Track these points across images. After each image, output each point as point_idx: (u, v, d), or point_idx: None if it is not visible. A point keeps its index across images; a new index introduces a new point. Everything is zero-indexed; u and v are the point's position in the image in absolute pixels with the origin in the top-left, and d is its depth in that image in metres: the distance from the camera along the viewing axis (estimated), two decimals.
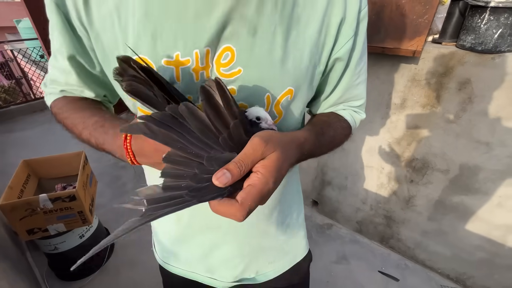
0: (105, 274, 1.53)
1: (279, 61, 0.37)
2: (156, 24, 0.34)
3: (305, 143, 0.37)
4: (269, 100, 0.39)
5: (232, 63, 0.36)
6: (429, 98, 1.17)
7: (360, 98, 0.51)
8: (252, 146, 0.29)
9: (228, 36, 0.35)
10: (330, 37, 0.39)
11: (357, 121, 0.53)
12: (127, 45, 0.35)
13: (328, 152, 0.46)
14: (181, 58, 0.35)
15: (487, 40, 0.95)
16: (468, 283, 1.41)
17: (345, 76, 0.45)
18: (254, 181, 0.28)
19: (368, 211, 1.64)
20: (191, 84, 0.37)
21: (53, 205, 1.18)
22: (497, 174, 1.12)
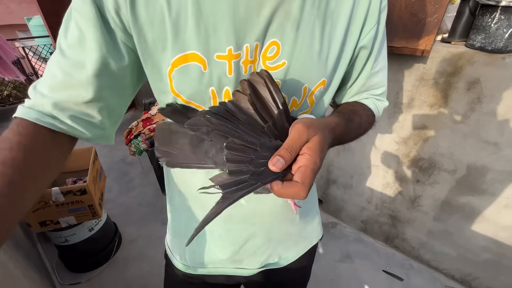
0: (113, 267, 1.56)
1: (317, 53, 0.40)
2: (210, 20, 0.35)
3: (337, 128, 0.40)
4: (306, 91, 0.42)
5: (277, 56, 0.38)
6: (437, 97, 1.17)
7: (381, 85, 0.53)
8: (298, 132, 0.32)
9: (274, 31, 0.37)
10: (357, 28, 0.42)
11: (380, 109, 0.55)
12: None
13: (354, 139, 0.48)
14: (233, 52, 0.36)
15: (497, 39, 0.94)
16: (473, 284, 1.41)
17: (368, 64, 0.48)
18: (304, 162, 0.31)
19: (373, 210, 1.64)
20: (241, 77, 0.39)
21: (64, 198, 1.22)
22: (504, 175, 1.11)
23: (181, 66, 0.37)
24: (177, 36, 0.35)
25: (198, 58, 0.36)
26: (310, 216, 0.65)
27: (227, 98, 0.40)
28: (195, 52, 0.36)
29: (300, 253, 0.66)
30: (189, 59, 0.36)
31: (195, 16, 0.34)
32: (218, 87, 0.38)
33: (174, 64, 0.37)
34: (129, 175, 2.39)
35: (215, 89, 0.39)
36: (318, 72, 0.41)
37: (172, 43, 0.35)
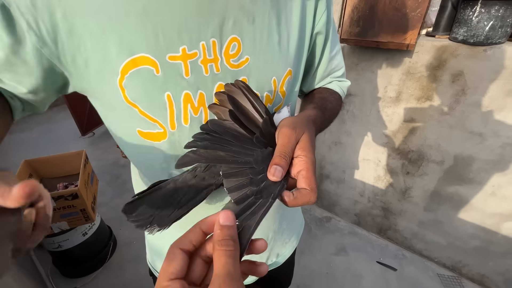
0: (109, 270, 1.55)
1: (277, 44, 0.40)
2: (157, 18, 0.32)
3: (316, 119, 0.41)
4: (275, 84, 0.42)
5: (240, 52, 0.38)
6: (423, 90, 1.19)
7: (340, 67, 0.56)
8: (286, 136, 0.32)
9: (231, 27, 0.36)
10: (310, 14, 0.44)
11: (345, 89, 0.59)
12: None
13: (329, 125, 0.51)
14: (188, 51, 0.35)
15: (478, 32, 0.97)
16: (463, 271, 1.45)
17: (326, 49, 0.50)
18: (303, 165, 0.31)
19: (365, 203, 1.67)
20: (201, 78, 0.37)
21: (56, 203, 1.20)
22: (490, 164, 1.15)
23: (131, 72, 0.34)
24: (122, 40, 0.32)
25: (149, 61, 0.33)
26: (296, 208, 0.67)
27: (189, 103, 0.37)
28: (144, 54, 0.33)
29: (295, 246, 0.68)
30: (139, 63, 0.33)
31: (140, 17, 0.32)
32: (175, 91, 0.36)
33: (124, 71, 0.34)
34: (122, 178, 2.37)
35: (171, 94, 0.36)
36: (282, 63, 0.42)
37: (117, 48, 0.32)
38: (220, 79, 0.38)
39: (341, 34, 1.20)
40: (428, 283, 1.45)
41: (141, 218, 0.34)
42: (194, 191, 0.33)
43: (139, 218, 0.34)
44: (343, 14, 1.17)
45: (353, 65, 1.32)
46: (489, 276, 1.36)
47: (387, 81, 1.27)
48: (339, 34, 1.22)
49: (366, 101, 1.38)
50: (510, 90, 1.00)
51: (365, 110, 1.40)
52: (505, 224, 1.22)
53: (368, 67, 1.29)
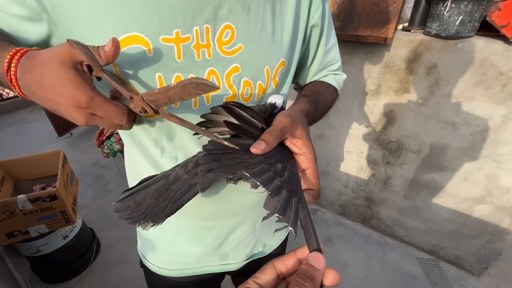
0: (93, 274, 1.50)
1: (271, 34, 0.41)
2: (153, 0, 0.33)
3: (308, 113, 0.43)
4: (269, 73, 0.43)
5: (233, 40, 0.38)
6: (401, 83, 1.25)
7: (336, 60, 0.57)
8: (278, 120, 0.35)
9: (225, 14, 0.37)
10: (305, 7, 0.44)
11: (341, 82, 0.60)
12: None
13: (321, 118, 0.53)
14: (181, 35, 0.35)
15: (450, 26, 1.02)
16: (440, 253, 1.54)
17: (321, 42, 0.51)
18: (308, 164, 0.35)
19: (350, 194, 1.73)
20: (193, 62, 0.37)
21: (33, 205, 1.14)
22: (462, 152, 1.22)
23: (124, 50, 0.34)
24: (116, 17, 0.33)
25: (142, 41, 0.34)
26: None
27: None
28: (137, 34, 0.34)
29: (283, 238, 0.68)
30: (131, 42, 0.34)
31: None
32: (166, 72, 0.37)
33: None
34: (104, 179, 2.29)
35: (162, 75, 0.37)
36: (275, 53, 0.42)
37: (112, 25, 0.33)
38: (211, 65, 0.39)
39: None
40: (409, 267, 1.53)
41: (135, 214, 0.34)
42: (188, 186, 0.33)
43: (133, 215, 0.34)
44: None
45: None
46: (463, 256, 1.46)
47: (367, 75, 1.32)
48: None
49: (348, 94, 1.42)
50: (479, 81, 1.07)
51: (347, 103, 1.45)
52: (477, 208, 1.30)
53: (349, 61, 1.33)
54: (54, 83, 0.28)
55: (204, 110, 0.38)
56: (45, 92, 0.29)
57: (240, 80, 0.41)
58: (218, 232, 0.54)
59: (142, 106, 0.32)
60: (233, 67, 0.40)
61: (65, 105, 0.29)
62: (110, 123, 0.32)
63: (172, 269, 0.58)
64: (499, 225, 1.28)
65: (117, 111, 0.31)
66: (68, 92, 0.28)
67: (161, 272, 0.59)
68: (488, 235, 1.32)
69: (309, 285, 0.23)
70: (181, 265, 0.58)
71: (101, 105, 0.30)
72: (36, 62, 0.29)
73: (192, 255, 0.56)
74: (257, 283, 0.25)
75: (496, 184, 1.21)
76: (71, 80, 0.28)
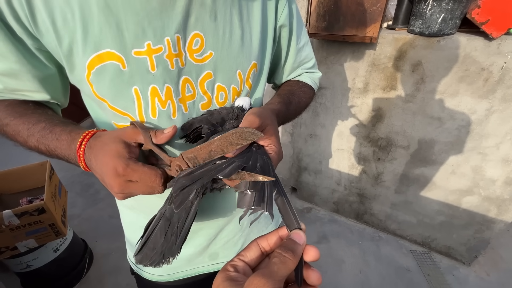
0: (87, 286, 1.47)
1: (240, 38, 0.42)
2: (120, 14, 0.33)
3: (279, 113, 0.45)
4: (241, 77, 0.44)
5: (203, 48, 0.39)
6: (387, 80, 1.27)
7: (310, 58, 0.59)
8: (248, 120, 0.36)
9: (193, 23, 0.37)
10: (271, 9, 0.45)
11: (316, 80, 0.61)
12: None
13: (296, 117, 0.54)
14: (153, 46, 0.36)
15: (432, 24, 1.05)
16: (432, 245, 1.58)
17: (292, 41, 0.52)
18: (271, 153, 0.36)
19: (342, 191, 1.75)
20: (167, 72, 0.38)
21: (20, 220, 1.10)
22: (449, 146, 1.26)
23: (97, 68, 0.35)
24: (86, 36, 0.33)
25: (115, 56, 0.34)
26: None
27: (156, 96, 0.39)
28: (110, 50, 0.34)
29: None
30: (104, 59, 0.34)
31: (103, 12, 0.32)
32: (141, 85, 0.37)
33: (90, 67, 0.35)
34: (94, 187, 2.23)
35: (138, 88, 0.37)
36: (246, 56, 0.43)
37: (82, 44, 0.33)
38: (185, 73, 0.40)
39: (309, 29, 1.23)
40: (403, 260, 1.56)
41: (155, 258, 0.38)
42: (184, 213, 0.36)
43: (154, 259, 0.38)
44: (309, 10, 1.20)
45: (323, 58, 1.36)
46: (454, 247, 1.50)
47: (355, 73, 1.33)
48: (307, 29, 1.25)
49: (337, 93, 1.43)
50: (462, 77, 1.10)
51: (337, 102, 1.46)
52: (465, 199, 1.34)
53: (336, 60, 1.34)
54: (104, 155, 0.33)
55: (183, 119, 0.41)
56: (98, 164, 0.34)
57: (214, 86, 0.43)
58: (206, 233, 0.55)
59: (179, 164, 0.34)
60: (206, 73, 0.41)
61: (106, 173, 0.33)
62: (144, 187, 0.34)
63: (163, 274, 0.58)
64: (486, 215, 1.32)
65: (151, 173, 0.33)
66: (110, 161, 0.32)
67: (153, 278, 0.59)
68: (476, 225, 1.37)
69: (289, 255, 0.24)
70: (172, 269, 0.58)
71: (136, 169, 0.33)
72: (99, 140, 0.34)
73: (182, 258, 0.57)
74: (242, 260, 0.26)
75: (482, 175, 1.24)
76: (118, 152, 0.33)
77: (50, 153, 0.39)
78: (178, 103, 0.41)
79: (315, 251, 0.26)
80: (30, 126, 0.38)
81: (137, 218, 0.55)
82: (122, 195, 0.35)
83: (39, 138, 0.38)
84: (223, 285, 0.23)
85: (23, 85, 0.38)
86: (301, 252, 0.25)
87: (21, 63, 0.35)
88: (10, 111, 0.39)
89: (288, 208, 0.29)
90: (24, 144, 0.40)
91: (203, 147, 0.33)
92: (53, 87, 0.41)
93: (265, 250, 0.28)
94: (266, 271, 0.23)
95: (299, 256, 0.25)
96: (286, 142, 1.80)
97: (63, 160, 0.38)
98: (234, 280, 0.24)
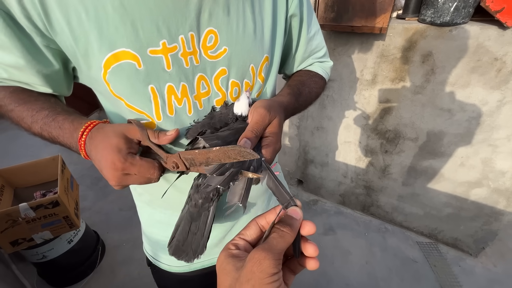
0: (100, 275, 1.52)
1: (253, 32, 0.41)
2: (135, 13, 0.33)
3: (288, 106, 0.45)
4: (254, 71, 0.44)
5: (217, 44, 0.39)
6: (397, 72, 1.25)
7: (321, 47, 0.58)
8: (261, 116, 0.36)
9: (207, 19, 0.37)
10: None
11: (327, 70, 0.61)
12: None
13: (307, 107, 0.54)
14: (168, 45, 0.36)
15: (444, 13, 1.02)
16: (439, 236, 1.59)
17: (303, 30, 0.51)
18: (268, 143, 0.36)
19: (349, 183, 1.75)
20: (182, 70, 0.38)
21: (35, 213, 1.14)
22: (458, 137, 1.24)
23: (114, 67, 0.35)
24: (101, 35, 0.33)
25: (130, 55, 0.34)
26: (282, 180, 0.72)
27: (172, 95, 0.39)
28: (125, 49, 0.34)
29: None
30: (120, 58, 0.34)
31: (118, 12, 0.32)
32: (158, 83, 0.38)
33: (106, 66, 0.35)
34: (104, 180, 2.27)
35: (155, 86, 0.38)
36: (259, 51, 0.43)
37: (98, 44, 0.33)
38: (200, 71, 0.40)
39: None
40: (409, 251, 1.58)
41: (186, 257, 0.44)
42: (204, 215, 0.41)
43: (188, 255, 0.44)
44: (317, 0, 1.17)
45: (330, 50, 1.34)
46: (461, 238, 1.50)
47: (363, 65, 1.31)
48: None
49: (344, 85, 1.41)
50: (474, 67, 1.08)
51: (344, 94, 1.45)
52: (473, 191, 1.34)
53: (344, 52, 1.32)
54: (104, 148, 0.34)
55: (198, 115, 0.42)
56: (97, 155, 0.35)
57: (228, 82, 0.43)
58: (222, 225, 0.56)
59: (176, 162, 0.36)
60: (220, 70, 0.41)
61: (104, 166, 0.34)
62: (141, 179, 0.36)
63: (182, 265, 0.60)
64: (495, 207, 1.31)
65: (149, 166, 0.35)
66: (109, 155, 0.34)
67: (171, 269, 0.61)
68: (484, 217, 1.36)
69: (287, 229, 0.25)
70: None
71: (134, 163, 0.34)
72: (101, 132, 0.35)
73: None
74: (243, 239, 0.28)
75: (492, 167, 1.23)
76: (118, 146, 0.34)
77: (53, 140, 0.40)
78: (194, 100, 0.41)
79: (311, 225, 0.27)
80: (34, 113, 0.39)
81: (154, 213, 0.57)
82: (119, 187, 0.36)
83: (42, 125, 0.39)
84: (226, 261, 0.25)
85: (27, 79, 0.38)
86: (298, 226, 0.27)
87: (26, 59, 0.35)
88: (15, 97, 0.40)
89: (281, 189, 0.31)
90: (28, 129, 0.41)
91: (201, 153, 0.34)
92: (57, 82, 0.41)
93: (264, 228, 0.29)
94: (266, 245, 0.24)
95: (296, 229, 0.26)
96: (293, 135, 1.80)
97: (66, 147, 0.40)
98: (236, 256, 0.25)
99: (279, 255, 0.23)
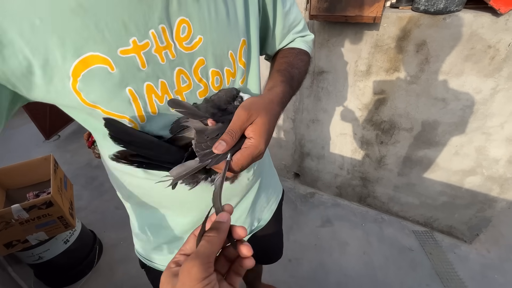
0: (98, 274, 1.51)
1: (226, 17, 0.40)
2: (97, 13, 0.30)
3: (284, 97, 0.43)
4: (233, 57, 0.43)
5: (191, 34, 0.37)
6: (391, 62, 1.24)
7: (299, 20, 0.56)
8: (237, 115, 0.35)
9: (176, 8, 0.35)
10: None
11: (310, 43, 0.60)
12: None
13: (298, 89, 0.53)
14: (139, 42, 0.33)
15: (438, 1, 1.01)
16: (434, 225, 1.61)
17: (278, 6, 0.50)
18: (248, 144, 0.36)
19: (345, 175, 1.76)
20: (158, 66, 0.36)
21: (28, 214, 1.12)
22: (452, 127, 1.25)
23: (84, 74, 0.31)
24: (63, 41, 0.29)
25: (100, 59, 0.31)
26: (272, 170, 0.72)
27: (152, 93, 0.37)
28: (93, 53, 0.31)
29: (274, 210, 0.73)
30: (90, 63, 0.31)
31: (77, 14, 0.29)
32: (135, 84, 0.35)
33: (75, 74, 0.31)
34: (99, 179, 2.25)
35: (132, 88, 0.35)
36: (235, 35, 0.42)
37: (61, 51, 0.30)
38: (177, 65, 0.38)
39: (310, 10, 1.19)
40: (405, 240, 1.60)
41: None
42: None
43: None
44: None
45: (324, 41, 1.33)
46: (456, 226, 1.53)
47: (357, 56, 1.30)
48: (308, 11, 1.21)
49: (339, 77, 1.41)
50: (467, 56, 1.08)
51: (339, 86, 1.44)
52: (467, 179, 1.35)
53: (338, 43, 1.31)
54: None
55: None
56: None
57: (208, 72, 0.41)
58: None
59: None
60: (198, 60, 0.39)
61: None
62: None
63: None
64: (489, 194, 1.33)
65: None
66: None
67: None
68: (478, 204, 1.38)
69: (213, 233, 0.27)
70: None
71: None
72: None
73: None
74: (183, 254, 0.29)
75: (486, 155, 1.24)
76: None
77: None
78: (175, 95, 0.39)
79: (242, 230, 0.28)
80: None
81: (145, 215, 0.56)
82: None
83: None
84: (166, 282, 0.26)
85: None
86: (226, 229, 0.28)
87: None
88: None
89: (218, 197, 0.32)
90: None
91: None
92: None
93: None
94: (193, 254, 0.25)
95: (224, 232, 0.27)
96: (288, 128, 1.79)
97: None
98: (176, 274, 0.26)
99: (207, 259, 0.24)
